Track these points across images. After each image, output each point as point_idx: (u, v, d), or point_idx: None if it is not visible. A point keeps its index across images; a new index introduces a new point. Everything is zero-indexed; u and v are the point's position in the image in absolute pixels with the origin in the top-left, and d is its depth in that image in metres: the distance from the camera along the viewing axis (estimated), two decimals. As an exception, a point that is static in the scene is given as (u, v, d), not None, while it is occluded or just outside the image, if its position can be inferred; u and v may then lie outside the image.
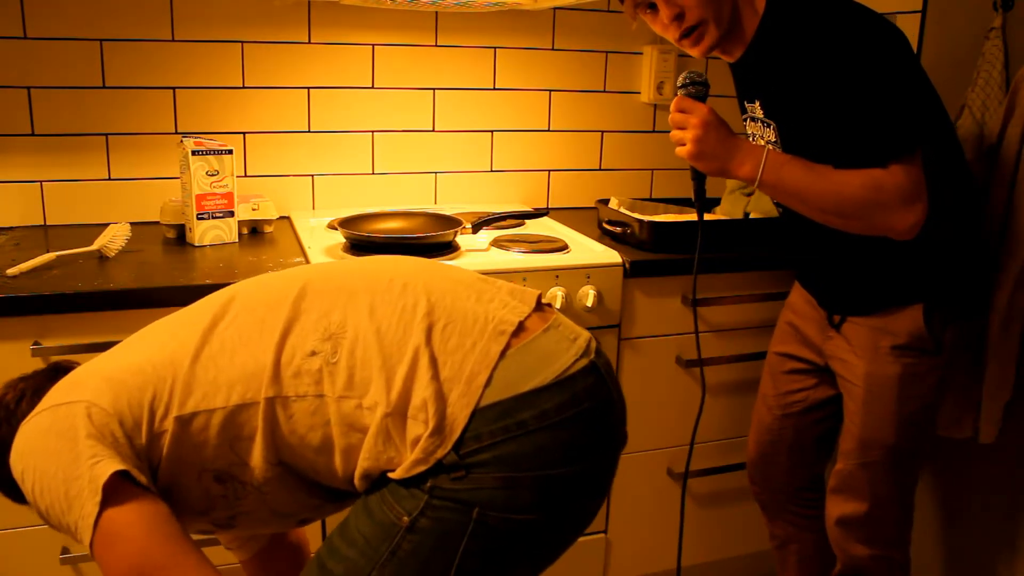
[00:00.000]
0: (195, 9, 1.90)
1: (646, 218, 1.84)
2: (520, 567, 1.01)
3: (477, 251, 1.75)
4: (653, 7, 1.40)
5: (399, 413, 0.95)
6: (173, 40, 1.90)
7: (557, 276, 1.69)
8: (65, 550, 1.50)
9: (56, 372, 1.07)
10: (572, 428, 0.97)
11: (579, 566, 1.87)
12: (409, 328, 0.98)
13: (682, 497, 1.77)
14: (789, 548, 1.79)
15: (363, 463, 0.97)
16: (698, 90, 1.44)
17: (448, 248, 1.74)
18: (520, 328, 0.99)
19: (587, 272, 1.71)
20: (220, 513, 1.04)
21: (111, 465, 0.90)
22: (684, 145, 1.41)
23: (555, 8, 2.16)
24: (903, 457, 1.51)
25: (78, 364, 1.08)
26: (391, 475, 0.96)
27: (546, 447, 0.95)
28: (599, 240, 1.87)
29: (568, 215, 2.18)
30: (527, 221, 2.03)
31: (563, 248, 1.79)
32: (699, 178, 1.46)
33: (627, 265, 1.74)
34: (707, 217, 1.89)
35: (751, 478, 1.79)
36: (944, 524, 1.95)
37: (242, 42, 1.96)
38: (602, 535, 1.88)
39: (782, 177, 1.38)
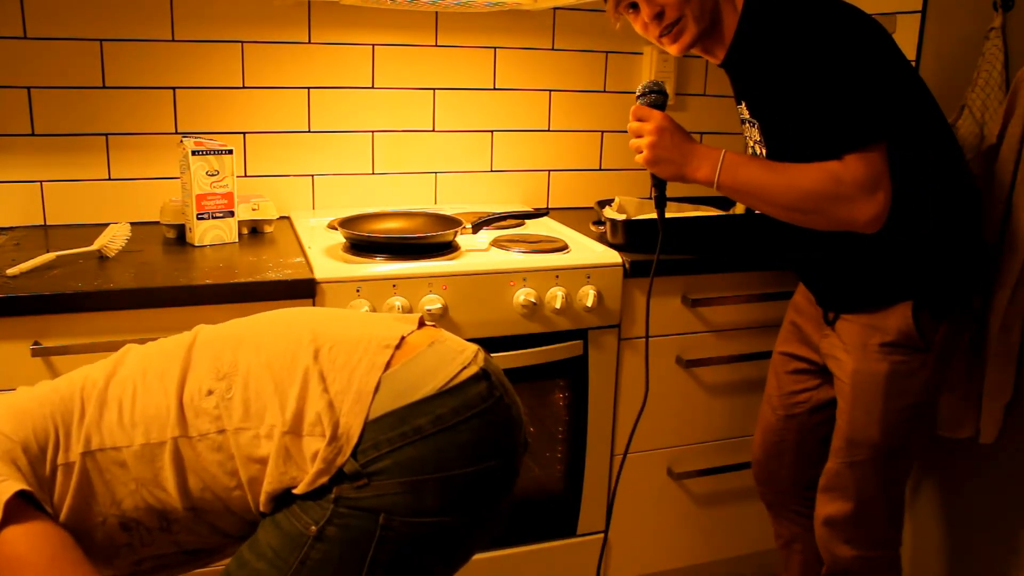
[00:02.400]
0: (195, 9, 1.90)
1: (619, 217, 1.84)
2: (431, 569, 1.04)
3: (477, 251, 1.75)
4: (635, 7, 1.44)
5: (295, 431, 0.98)
6: (173, 40, 1.90)
7: (557, 276, 1.69)
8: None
9: None
10: (468, 430, 1.00)
11: (579, 566, 1.87)
12: (297, 354, 1.02)
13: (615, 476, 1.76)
14: (794, 547, 1.79)
15: (267, 487, 1.00)
16: (655, 98, 1.47)
17: (448, 248, 1.74)
18: (402, 342, 1.04)
19: (587, 272, 1.71)
20: (123, 561, 1.05)
21: (14, 485, 0.89)
22: (642, 152, 1.45)
23: (555, 8, 2.15)
24: (891, 456, 1.50)
25: None
26: (295, 490, 0.99)
27: (444, 450, 0.98)
28: (599, 240, 1.87)
29: (568, 215, 2.17)
30: (527, 221, 2.03)
31: (563, 248, 1.79)
32: (659, 184, 1.50)
33: (627, 265, 1.74)
34: (713, 213, 1.89)
35: (756, 478, 1.79)
36: (944, 524, 1.95)
37: (242, 42, 1.96)
38: (602, 535, 1.88)
39: (739, 178, 1.40)
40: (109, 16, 1.85)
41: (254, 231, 1.89)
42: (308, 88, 2.03)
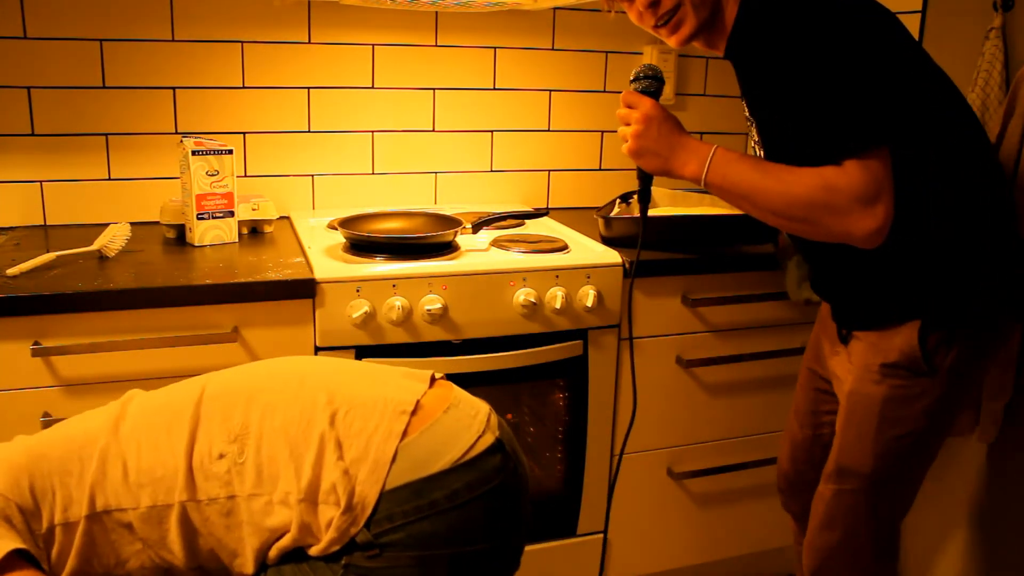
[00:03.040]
0: (195, 9, 1.90)
1: (615, 212, 1.85)
2: None
3: (477, 251, 1.75)
4: None
5: (310, 500, 0.97)
6: (173, 40, 1.90)
7: (557, 276, 1.69)
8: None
9: None
10: (483, 506, 1.00)
11: (579, 566, 1.87)
12: (312, 419, 1.00)
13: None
14: None
15: (281, 543, 0.99)
16: (648, 84, 1.37)
17: (448, 248, 1.74)
18: (418, 407, 1.02)
19: (587, 272, 1.71)
20: None
21: (8, 543, 0.87)
22: (627, 142, 1.35)
23: (555, 8, 2.15)
24: (883, 487, 1.38)
25: None
26: (310, 551, 0.98)
27: (458, 526, 0.98)
28: (599, 240, 1.87)
29: (568, 215, 2.17)
30: (527, 221, 2.03)
31: (563, 248, 1.79)
32: (644, 178, 1.40)
33: (627, 265, 1.74)
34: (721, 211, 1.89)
35: (780, 488, 1.70)
36: (943, 524, 1.95)
37: (242, 42, 1.96)
38: (602, 535, 1.88)
39: (728, 177, 1.29)
40: (109, 16, 1.85)
41: (254, 231, 1.89)
42: (308, 88, 2.03)
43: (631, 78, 1.39)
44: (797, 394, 1.64)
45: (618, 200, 2.00)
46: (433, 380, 1.09)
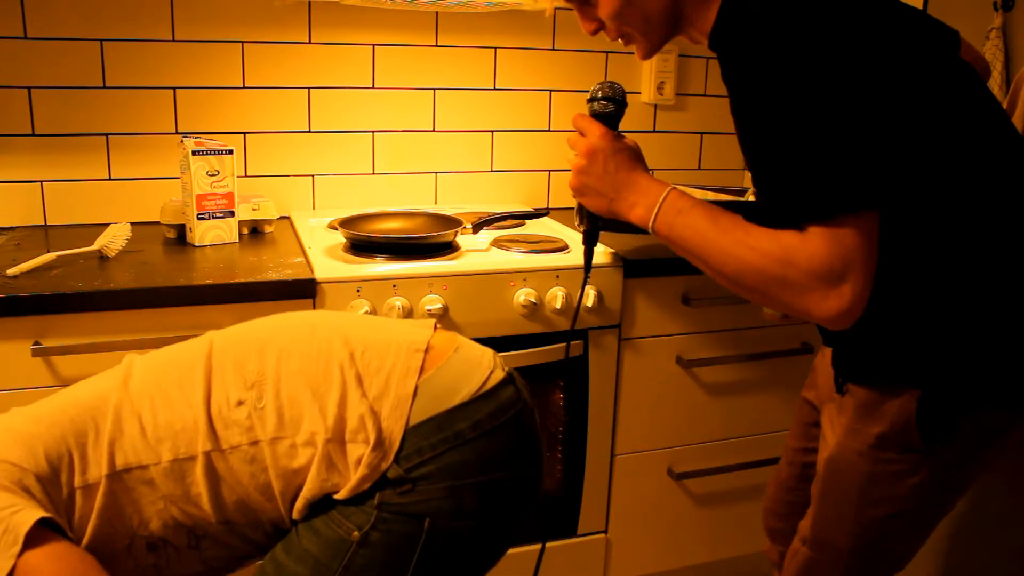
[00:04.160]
0: (195, 9, 1.90)
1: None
2: (469, 571, 1.06)
3: (477, 251, 1.75)
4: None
5: (338, 439, 0.98)
6: (173, 40, 1.90)
7: (557, 276, 1.69)
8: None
9: None
10: (504, 434, 1.02)
11: (579, 566, 1.87)
12: (330, 358, 1.01)
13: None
14: None
15: (307, 493, 0.99)
16: (603, 107, 1.18)
17: (448, 248, 1.74)
18: (429, 347, 1.04)
19: (587, 272, 1.71)
20: None
21: (33, 514, 0.86)
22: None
23: (555, 8, 2.15)
24: (862, 565, 1.21)
25: None
26: (337, 496, 0.99)
27: (484, 454, 1.00)
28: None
29: (568, 215, 2.16)
30: (527, 221, 2.03)
31: (563, 248, 1.79)
32: (589, 218, 1.21)
33: (627, 265, 1.74)
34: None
35: (766, 529, 1.55)
36: (943, 524, 1.94)
37: (242, 42, 1.96)
38: (602, 535, 1.88)
39: (675, 228, 1.07)
40: (109, 16, 1.85)
41: (254, 231, 1.89)
42: (308, 88, 2.03)
43: (588, 96, 1.21)
44: (792, 425, 1.48)
45: None
46: (436, 328, 1.11)
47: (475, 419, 1.00)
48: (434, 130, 2.16)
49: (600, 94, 1.19)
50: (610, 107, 1.18)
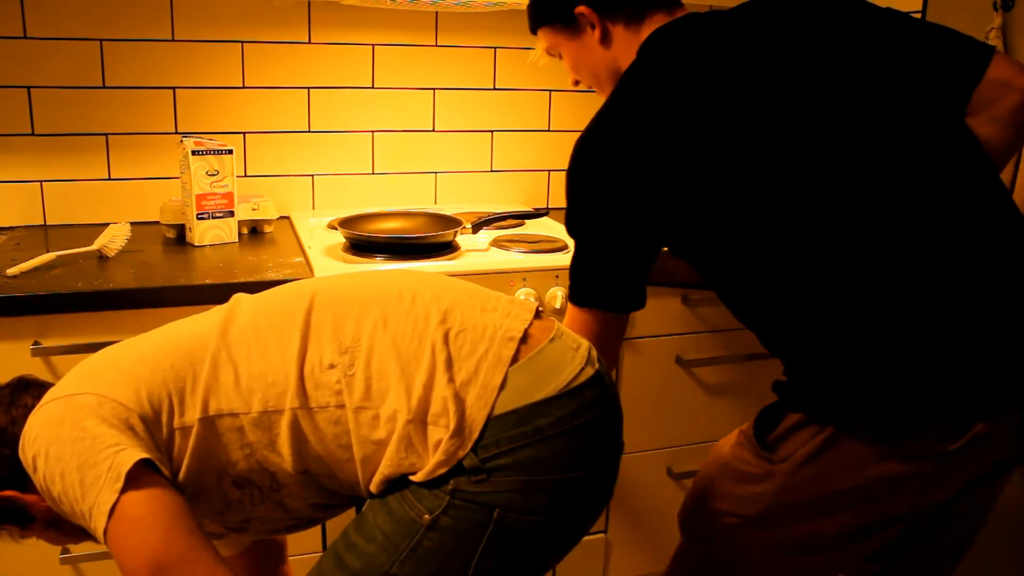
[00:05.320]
0: (195, 9, 1.90)
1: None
2: (529, 567, 1.05)
3: (477, 251, 1.75)
4: None
5: (419, 420, 0.98)
6: (173, 40, 1.91)
7: (557, 276, 1.69)
8: (65, 550, 1.50)
9: (24, 385, 1.07)
10: (585, 434, 1.01)
11: (579, 566, 1.87)
12: (424, 337, 1.01)
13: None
14: None
15: (384, 470, 0.99)
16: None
17: (448, 248, 1.74)
18: (526, 335, 1.03)
19: (587, 272, 1.71)
20: (234, 516, 1.05)
21: (135, 453, 0.90)
22: None
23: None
24: (701, 560, 1.26)
25: (41, 380, 1.09)
26: (413, 478, 0.99)
27: (561, 453, 0.99)
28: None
29: (568, 215, 2.17)
30: (527, 221, 2.04)
31: (563, 248, 1.79)
32: None
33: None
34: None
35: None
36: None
37: (242, 42, 1.96)
38: (602, 535, 1.88)
39: None
40: (109, 16, 1.85)
41: (254, 231, 1.89)
42: (308, 88, 2.03)
43: None
44: None
45: None
46: (538, 312, 1.10)
47: (557, 416, 0.98)
48: (434, 130, 2.16)
49: None
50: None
